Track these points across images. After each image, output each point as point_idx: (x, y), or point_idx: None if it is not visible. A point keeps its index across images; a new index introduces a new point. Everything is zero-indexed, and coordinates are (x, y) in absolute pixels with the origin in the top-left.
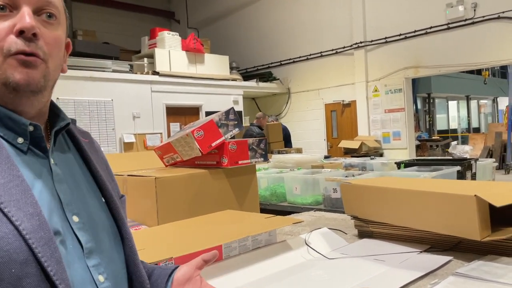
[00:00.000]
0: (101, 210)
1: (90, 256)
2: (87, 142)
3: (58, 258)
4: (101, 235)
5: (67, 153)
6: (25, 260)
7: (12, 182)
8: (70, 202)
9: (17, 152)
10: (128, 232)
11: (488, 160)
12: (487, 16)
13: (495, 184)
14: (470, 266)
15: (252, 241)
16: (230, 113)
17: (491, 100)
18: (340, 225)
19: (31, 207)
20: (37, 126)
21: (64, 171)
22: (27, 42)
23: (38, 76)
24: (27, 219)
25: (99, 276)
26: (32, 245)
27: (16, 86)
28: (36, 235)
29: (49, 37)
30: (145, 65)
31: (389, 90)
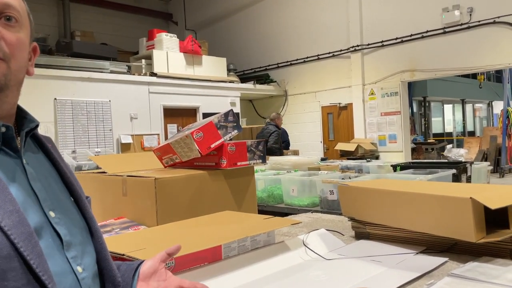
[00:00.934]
0: (72, 208)
1: (68, 248)
2: (50, 146)
3: (39, 252)
4: (75, 230)
5: (36, 154)
6: (8, 254)
7: None
8: (45, 198)
9: None
10: (97, 229)
11: (483, 163)
12: (482, 20)
13: (490, 187)
14: (465, 267)
15: (251, 242)
16: (229, 115)
17: (486, 104)
18: (337, 227)
19: (10, 204)
20: (9, 127)
21: (36, 170)
22: None
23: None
24: (7, 216)
25: (78, 267)
26: (14, 240)
27: None
28: (17, 230)
29: (10, 38)
30: (143, 66)
31: (385, 93)
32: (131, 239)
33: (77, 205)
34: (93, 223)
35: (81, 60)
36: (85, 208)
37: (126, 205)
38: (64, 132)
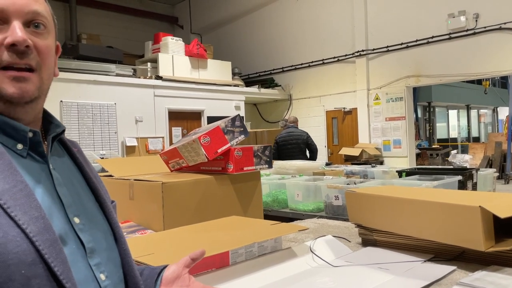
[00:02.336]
0: (97, 213)
1: (92, 255)
2: (76, 150)
3: (63, 259)
4: (99, 236)
5: (63, 159)
6: (33, 261)
7: (16, 187)
8: (71, 204)
9: (17, 158)
10: (121, 235)
11: (489, 170)
12: (488, 26)
13: (498, 195)
14: (474, 276)
15: (258, 248)
16: (236, 120)
17: (491, 110)
18: (344, 233)
19: (35, 210)
20: (36, 132)
21: (62, 175)
22: (19, 55)
23: (32, 88)
24: (33, 222)
25: (101, 274)
26: (39, 247)
27: (10, 99)
28: (42, 237)
29: (41, 47)
30: (148, 69)
31: (390, 99)
32: (138, 244)
33: (102, 210)
34: (117, 229)
35: (87, 63)
36: (110, 213)
37: (132, 209)
38: (69, 134)
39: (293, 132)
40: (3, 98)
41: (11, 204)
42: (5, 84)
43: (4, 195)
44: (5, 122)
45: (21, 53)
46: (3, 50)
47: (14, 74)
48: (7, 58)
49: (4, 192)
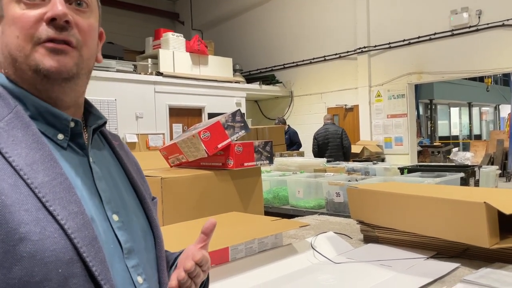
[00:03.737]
0: (137, 211)
1: (129, 256)
2: (117, 144)
3: (102, 258)
4: (139, 235)
5: (103, 152)
6: (70, 259)
7: (56, 180)
8: (110, 200)
9: (57, 148)
10: (160, 236)
11: (491, 167)
12: (491, 23)
13: (502, 191)
14: (478, 273)
15: (258, 244)
16: (237, 115)
17: (493, 108)
18: (345, 230)
19: (75, 205)
20: (78, 122)
21: (102, 169)
22: (58, 30)
23: (70, 63)
24: (72, 218)
25: (138, 277)
26: (77, 244)
27: (46, 73)
28: (81, 234)
29: (83, 25)
30: (149, 65)
31: (391, 96)
32: None
33: (142, 207)
34: (156, 229)
35: None
36: (150, 211)
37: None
38: None
39: (328, 130)
40: (41, 72)
41: (50, 197)
42: (44, 58)
43: (43, 187)
44: (47, 109)
45: (60, 28)
46: (42, 25)
47: (52, 46)
48: (47, 32)
49: (43, 184)
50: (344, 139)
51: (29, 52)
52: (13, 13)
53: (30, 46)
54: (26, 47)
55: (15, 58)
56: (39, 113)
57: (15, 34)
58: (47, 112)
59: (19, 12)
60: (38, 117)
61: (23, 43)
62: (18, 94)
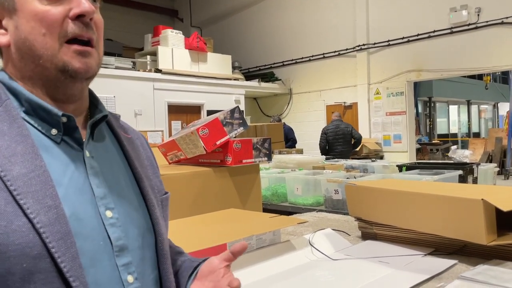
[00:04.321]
0: (138, 207)
1: (120, 254)
2: (129, 137)
3: (73, 254)
4: (135, 232)
5: (107, 146)
6: (38, 254)
7: (33, 173)
8: (104, 196)
9: (51, 144)
10: (161, 233)
11: (489, 165)
12: (490, 21)
13: (500, 188)
14: (475, 270)
15: (256, 240)
16: (235, 112)
17: (492, 106)
18: (343, 226)
19: (50, 199)
20: (70, 117)
21: (102, 164)
22: (84, 27)
23: (94, 64)
24: (44, 212)
25: (129, 276)
26: (46, 239)
27: (74, 74)
28: (52, 229)
29: (98, 21)
30: (148, 62)
31: (390, 93)
32: None
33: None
34: (157, 226)
35: None
36: (152, 207)
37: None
38: None
39: (339, 126)
40: (68, 72)
41: (22, 191)
42: (72, 59)
43: (17, 180)
44: (39, 105)
45: (86, 25)
46: (68, 22)
47: (80, 49)
48: (73, 29)
49: (18, 177)
50: (354, 134)
51: (57, 51)
52: (34, 8)
53: (57, 44)
54: (54, 46)
55: (39, 55)
56: (33, 109)
57: (40, 31)
58: (40, 107)
59: (42, 8)
60: (32, 112)
61: (51, 41)
62: (13, 90)
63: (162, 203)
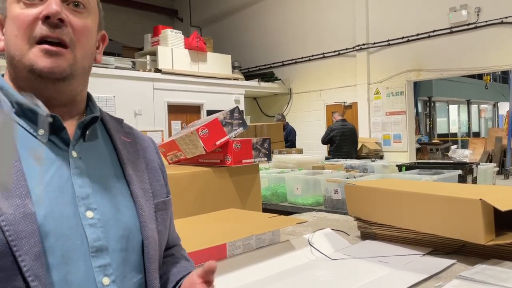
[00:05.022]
0: (126, 209)
1: (97, 255)
2: (128, 141)
3: (36, 254)
4: (118, 234)
5: (99, 148)
6: (1, 252)
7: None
8: (87, 196)
9: (38, 144)
10: (149, 236)
11: (489, 164)
12: (490, 21)
13: (498, 188)
14: (474, 269)
15: (256, 240)
16: (235, 112)
17: (492, 105)
18: (343, 226)
19: (18, 198)
20: (56, 117)
21: (90, 165)
22: (52, 28)
23: (64, 65)
24: (12, 209)
25: (105, 278)
26: (8, 237)
27: (40, 73)
28: (16, 227)
29: (77, 24)
30: (148, 62)
31: (390, 93)
32: None
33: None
34: (145, 228)
35: None
36: (141, 210)
37: None
38: None
39: (346, 126)
40: (35, 72)
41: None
42: (38, 58)
43: None
44: (27, 106)
45: (54, 26)
46: (39, 24)
47: (47, 48)
48: (41, 30)
49: None
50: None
51: (26, 52)
52: (14, 12)
53: (27, 45)
54: (23, 47)
55: (13, 57)
56: (21, 110)
57: (14, 33)
58: (27, 108)
59: (18, 11)
60: (21, 113)
61: (21, 42)
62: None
63: (158, 207)
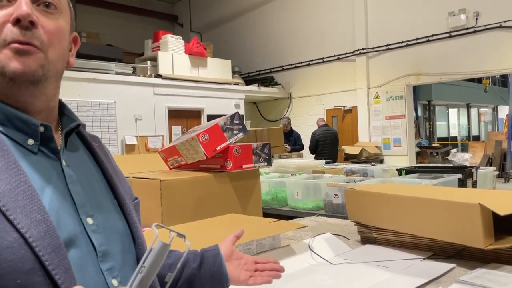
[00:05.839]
0: (115, 212)
1: (104, 259)
2: (97, 145)
3: (66, 266)
4: (115, 237)
5: (80, 155)
6: (31, 269)
7: (19, 188)
8: (84, 203)
9: (27, 154)
10: (140, 236)
11: (489, 168)
12: (488, 25)
13: (498, 192)
14: (473, 273)
15: (256, 245)
16: (235, 118)
17: (491, 109)
18: (343, 231)
19: (38, 213)
20: (47, 126)
21: (77, 172)
22: (23, 31)
23: (34, 65)
24: (34, 226)
25: (113, 280)
26: (39, 253)
27: (12, 75)
28: (43, 242)
29: (49, 26)
30: (148, 68)
31: (390, 97)
32: None
33: (120, 209)
34: (135, 229)
35: (86, 61)
36: (128, 212)
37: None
38: None
39: (329, 131)
40: (6, 75)
41: (11, 206)
42: (9, 60)
43: (5, 196)
44: (15, 115)
45: (25, 29)
46: (8, 26)
47: (17, 47)
48: (12, 33)
49: (5, 193)
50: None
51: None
52: None
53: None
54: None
55: None
56: (8, 119)
57: None
58: (16, 117)
59: None
60: (7, 122)
61: None
62: None
63: (135, 208)
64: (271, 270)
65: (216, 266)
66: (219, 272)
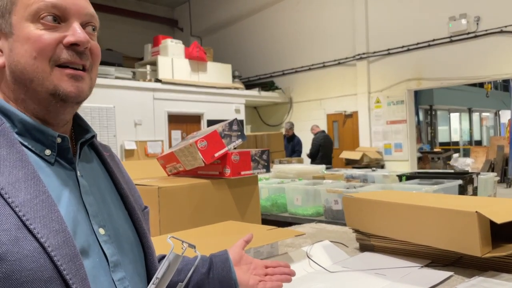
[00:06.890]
0: (125, 223)
1: (115, 269)
2: (108, 155)
3: (83, 275)
4: (126, 247)
5: (92, 165)
6: (49, 278)
7: (38, 198)
8: (96, 214)
9: (44, 164)
10: (150, 246)
11: (489, 174)
12: (489, 30)
13: (496, 200)
14: (471, 282)
15: (254, 253)
16: (234, 124)
17: (493, 113)
18: (341, 238)
19: (56, 223)
20: (65, 138)
21: (90, 182)
22: (78, 55)
23: (86, 88)
24: (53, 235)
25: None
26: (57, 262)
27: (65, 98)
28: (62, 251)
29: (95, 48)
30: (148, 72)
31: (391, 102)
32: None
33: (131, 219)
34: (145, 239)
35: None
36: (138, 222)
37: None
38: None
39: (327, 136)
40: (59, 96)
41: (30, 216)
42: (64, 83)
43: (25, 206)
44: (34, 126)
45: (80, 53)
46: (62, 48)
47: (72, 73)
48: (66, 56)
49: (25, 203)
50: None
51: (47, 75)
52: (29, 32)
53: (48, 68)
54: (45, 69)
55: (31, 79)
56: (26, 130)
57: (31, 54)
58: (34, 128)
59: (37, 33)
60: (25, 133)
61: (42, 64)
62: (5, 111)
63: (144, 217)
64: (281, 274)
65: (225, 271)
66: (228, 277)
